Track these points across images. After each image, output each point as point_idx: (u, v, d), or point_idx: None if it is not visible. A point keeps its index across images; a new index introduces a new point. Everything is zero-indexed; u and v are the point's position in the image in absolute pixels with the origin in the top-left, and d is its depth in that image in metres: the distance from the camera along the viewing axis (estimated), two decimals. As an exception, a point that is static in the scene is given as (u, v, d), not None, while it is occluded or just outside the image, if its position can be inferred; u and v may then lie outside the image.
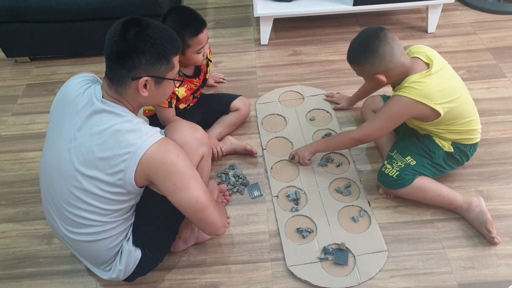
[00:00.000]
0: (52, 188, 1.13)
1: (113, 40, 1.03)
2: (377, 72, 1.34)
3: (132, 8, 2.00)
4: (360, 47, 1.35)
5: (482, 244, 1.39)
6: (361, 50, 1.34)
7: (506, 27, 2.26)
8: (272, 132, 1.80)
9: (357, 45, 1.37)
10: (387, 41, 1.31)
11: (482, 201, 1.41)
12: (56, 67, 2.22)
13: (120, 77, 1.05)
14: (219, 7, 2.58)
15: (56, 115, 1.13)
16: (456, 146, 1.44)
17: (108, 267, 1.22)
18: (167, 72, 1.10)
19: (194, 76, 1.61)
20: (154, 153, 1.04)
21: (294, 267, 1.36)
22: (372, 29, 1.35)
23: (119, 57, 1.03)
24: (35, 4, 1.98)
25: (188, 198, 1.10)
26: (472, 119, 1.42)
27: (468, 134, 1.43)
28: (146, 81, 1.06)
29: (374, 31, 1.33)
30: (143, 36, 1.03)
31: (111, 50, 1.03)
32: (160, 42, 1.05)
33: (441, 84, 1.33)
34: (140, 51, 1.03)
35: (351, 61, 1.40)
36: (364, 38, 1.35)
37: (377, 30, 1.33)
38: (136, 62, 1.03)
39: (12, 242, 1.50)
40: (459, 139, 1.43)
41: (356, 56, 1.37)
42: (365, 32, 1.36)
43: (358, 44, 1.37)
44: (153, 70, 1.06)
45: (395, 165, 1.45)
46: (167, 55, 1.07)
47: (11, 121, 1.95)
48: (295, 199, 1.54)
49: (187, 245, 1.42)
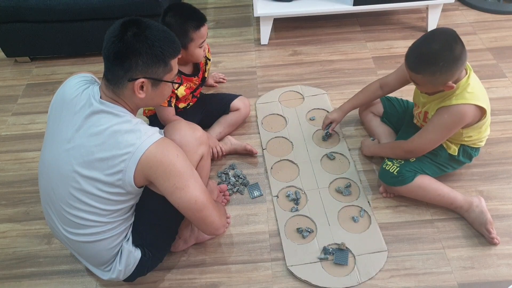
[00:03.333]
0: (51, 189, 1.13)
1: (111, 41, 1.03)
2: (452, 80, 1.24)
3: (132, 8, 2.00)
4: (438, 53, 1.20)
5: (482, 244, 1.39)
6: (440, 57, 1.20)
7: (506, 27, 2.26)
8: (272, 132, 1.80)
9: (434, 52, 1.21)
10: (463, 45, 1.20)
11: (483, 201, 1.41)
12: (56, 67, 2.22)
13: (117, 78, 1.05)
14: (219, 7, 2.58)
15: (54, 116, 1.13)
16: (464, 148, 1.43)
17: (108, 268, 1.22)
18: (164, 74, 1.09)
19: (193, 75, 1.61)
20: (153, 153, 1.04)
21: (294, 267, 1.36)
22: (444, 32, 1.23)
23: (116, 58, 1.03)
24: (35, 4, 1.99)
25: (187, 198, 1.09)
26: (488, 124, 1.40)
27: (483, 137, 1.42)
28: (142, 82, 1.06)
29: (450, 35, 1.21)
30: (140, 37, 1.02)
31: (108, 50, 1.03)
32: (157, 44, 1.04)
33: (479, 84, 1.31)
34: (137, 52, 1.02)
35: (423, 70, 1.24)
36: (441, 43, 1.21)
37: (452, 32, 1.21)
38: (133, 63, 1.03)
39: (12, 242, 1.50)
40: (472, 142, 1.42)
41: (433, 64, 1.21)
42: (439, 36, 1.23)
43: (436, 51, 1.20)
44: (150, 71, 1.06)
45: (396, 162, 1.45)
46: (165, 57, 1.07)
47: (11, 121, 1.95)
48: (295, 199, 1.54)
49: (187, 245, 1.42)
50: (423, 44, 1.25)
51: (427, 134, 1.36)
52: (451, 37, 1.21)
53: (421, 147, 1.39)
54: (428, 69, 1.23)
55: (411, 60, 1.27)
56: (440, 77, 1.23)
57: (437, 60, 1.21)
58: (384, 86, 1.58)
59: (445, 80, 1.24)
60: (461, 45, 1.21)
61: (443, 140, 1.38)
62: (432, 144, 1.38)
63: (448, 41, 1.21)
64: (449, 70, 1.22)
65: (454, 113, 1.29)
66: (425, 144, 1.38)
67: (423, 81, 1.28)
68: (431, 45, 1.22)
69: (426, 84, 1.29)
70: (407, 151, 1.43)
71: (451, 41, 1.21)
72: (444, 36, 1.22)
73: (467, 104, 1.27)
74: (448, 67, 1.21)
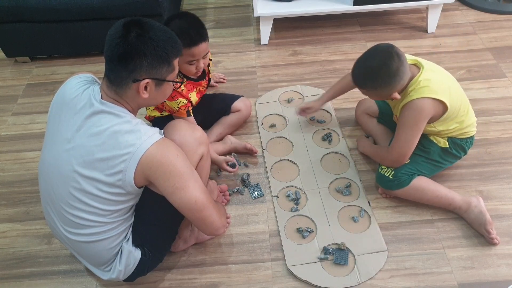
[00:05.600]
0: (51, 190, 1.13)
1: (114, 42, 1.03)
2: (394, 91, 1.32)
3: (132, 8, 2.00)
4: (375, 71, 1.28)
5: (482, 244, 1.39)
6: (378, 74, 1.28)
7: (506, 27, 2.26)
8: (272, 132, 1.80)
9: (371, 70, 1.29)
10: (400, 60, 1.27)
11: (481, 201, 1.41)
12: (56, 67, 2.22)
13: (121, 79, 1.05)
14: (219, 7, 2.58)
15: (55, 116, 1.13)
16: (452, 141, 1.44)
17: (108, 268, 1.22)
18: (167, 74, 1.10)
19: (200, 79, 1.59)
20: (153, 154, 1.04)
21: (294, 267, 1.36)
22: (382, 49, 1.30)
23: (121, 59, 1.03)
24: (35, 4, 1.98)
25: (187, 198, 1.09)
26: (467, 112, 1.41)
27: (465, 128, 1.43)
28: (147, 83, 1.06)
29: (387, 52, 1.28)
30: (145, 38, 1.03)
31: (112, 52, 1.03)
32: (162, 45, 1.05)
33: (436, 78, 1.33)
34: (142, 53, 1.03)
35: (365, 85, 1.33)
36: (378, 61, 1.28)
37: (389, 49, 1.28)
38: (138, 65, 1.03)
39: (12, 242, 1.50)
40: (456, 134, 1.43)
41: (372, 80, 1.30)
42: (377, 54, 1.30)
43: (373, 68, 1.29)
44: (154, 72, 1.07)
45: None
46: (169, 58, 1.08)
47: (11, 121, 1.95)
48: (295, 199, 1.54)
49: (187, 245, 1.42)
50: (364, 61, 1.33)
51: (399, 136, 1.39)
52: (388, 55, 1.27)
53: (400, 151, 1.40)
54: (369, 84, 1.32)
55: (355, 75, 1.35)
56: (382, 91, 1.31)
57: (376, 76, 1.29)
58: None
59: (388, 92, 1.32)
60: (397, 61, 1.27)
61: (416, 138, 1.38)
62: (408, 144, 1.38)
63: (384, 59, 1.27)
64: (388, 84, 1.29)
65: (412, 108, 1.33)
66: (401, 147, 1.39)
67: (368, 93, 1.37)
68: (370, 63, 1.31)
69: (372, 95, 1.39)
70: (392, 161, 1.44)
71: (387, 58, 1.27)
72: (381, 54, 1.29)
73: (422, 98, 1.31)
74: (386, 82, 1.29)
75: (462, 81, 1.95)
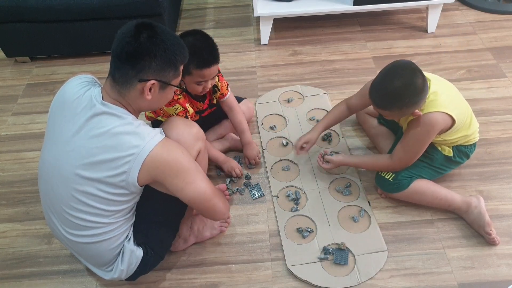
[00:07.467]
0: (52, 191, 1.13)
1: (125, 41, 1.03)
2: (418, 108, 1.27)
3: (132, 8, 2.00)
4: (402, 91, 1.22)
5: (482, 244, 1.39)
6: (405, 94, 1.22)
7: (506, 27, 2.26)
8: (272, 132, 1.80)
9: (397, 90, 1.22)
10: (423, 74, 1.24)
11: (482, 201, 1.41)
12: (56, 67, 2.22)
13: (127, 78, 1.06)
14: (219, 7, 2.58)
15: (55, 117, 1.13)
16: (457, 148, 1.44)
17: (109, 268, 1.22)
18: (173, 79, 1.12)
19: (198, 100, 1.55)
20: (159, 154, 1.05)
21: (294, 267, 1.36)
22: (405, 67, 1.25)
23: (130, 58, 1.04)
24: (35, 4, 1.98)
25: (198, 191, 1.13)
26: (471, 120, 1.41)
27: (470, 136, 1.42)
28: (152, 84, 1.07)
29: (410, 69, 1.23)
30: (157, 40, 1.04)
31: (122, 49, 1.04)
32: (172, 49, 1.07)
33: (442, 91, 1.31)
34: (153, 54, 1.04)
35: (391, 107, 1.27)
36: (404, 80, 1.22)
37: (413, 66, 1.24)
38: (146, 65, 1.04)
39: (12, 242, 1.50)
40: (462, 142, 1.42)
41: (399, 101, 1.23)
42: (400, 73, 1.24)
43: (399, 88, 1.22)
44: (161, 75, 1.08)
45: None
46: (176, 63, 1.09)
47: (11, 121, 1.95)
48: (295, 199, 1.54)
49: (187, 244, 1.42)
50: (385, 82, 1.26)
51: (407, 148, 1.37)
52: (411, 71, 1.23)
53: (406, 161, 1.40)
54: (395, 106, 1.26)
55: (376, 98, 1.29)
56: (408, 110, 1.26)
57: (402, 97, 1.23)
58: (350, 107, 1.56)
59: (413, 110, 1.27)
60: (422, 77, 1.23)
61: (423, 150, 1.37)
62: (415, 156, 1.38)
63: (409, 77, 1.22)
64: (415, 103, 1.25)
65: (425, 123, 1.30)
66: (408, 158, 1.39)
67: (391, 115, 1.32)
68: (394, 83, 1.23)
69: (395, 115, 1.33)
70: (393, 169, 1.43)
71: (412, 76, 1.22)
72: (405, 72, 1.24)
73: (433, 113, 1.28)
74: (413, 100, 1.24)
75: (462, 81, 1.95)
